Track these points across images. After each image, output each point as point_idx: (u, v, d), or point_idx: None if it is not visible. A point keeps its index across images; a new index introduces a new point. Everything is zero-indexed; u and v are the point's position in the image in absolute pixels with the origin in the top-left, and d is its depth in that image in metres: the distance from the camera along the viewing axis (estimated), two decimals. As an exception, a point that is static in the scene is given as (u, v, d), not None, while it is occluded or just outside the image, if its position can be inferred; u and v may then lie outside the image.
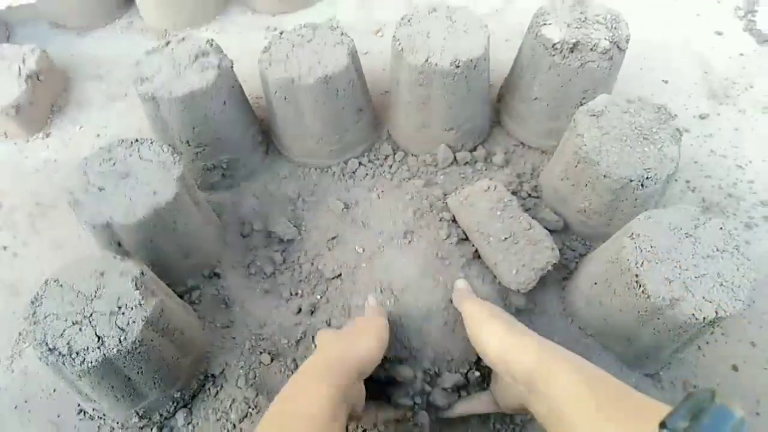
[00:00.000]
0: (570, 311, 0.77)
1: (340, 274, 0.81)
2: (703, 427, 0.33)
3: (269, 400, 0.70)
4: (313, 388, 0.51)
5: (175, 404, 0.69)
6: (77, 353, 0.55)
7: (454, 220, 0.81)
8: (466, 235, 0.80)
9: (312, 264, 0.83)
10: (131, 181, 0.71)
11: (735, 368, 0.73)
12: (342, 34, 0.86)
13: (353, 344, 0.58)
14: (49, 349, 0.56)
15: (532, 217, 0.78)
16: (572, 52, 0.79)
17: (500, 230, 0.75)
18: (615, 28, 0.80)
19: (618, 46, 0.80)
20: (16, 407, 0.73)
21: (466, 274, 0.75)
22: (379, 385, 0.66)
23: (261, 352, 0.75)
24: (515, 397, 0.55)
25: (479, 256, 0.78)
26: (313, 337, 0.76)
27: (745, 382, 0.72)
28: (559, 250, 0.75)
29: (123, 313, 0.58)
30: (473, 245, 0.78)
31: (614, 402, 0.44)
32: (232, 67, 0.85)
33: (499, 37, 1.12)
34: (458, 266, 0.77)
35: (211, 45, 0.85)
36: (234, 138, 0.88)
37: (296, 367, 0.74)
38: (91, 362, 0.55)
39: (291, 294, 0.81)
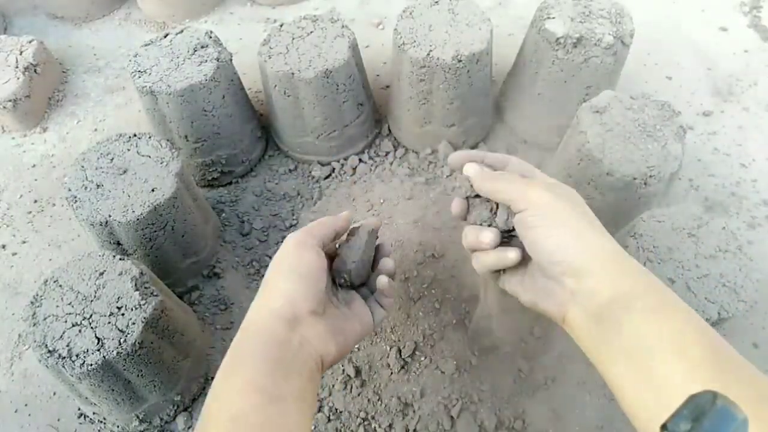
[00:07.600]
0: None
1: None
2: (705, 430, 0.32)
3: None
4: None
5: (175, 408, 0.68)
6: (77, 355, 0.55)
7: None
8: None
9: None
10: (129, 177, 0.70)
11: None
12: (343, 26, 0.84)
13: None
14: (49, 351, 0.55)
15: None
16: (576, 47, 0.78)
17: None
18: (619, 22, 0.79)
19: (622, 41, 0.79)
20: (16, 411, 0.73)
21: None
22: None
23: (260, 354, 0.75)
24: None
25: None
26: None
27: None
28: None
29: (123, 314, 0.57)
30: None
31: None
32: (231, 59, 0.84)
33: (501, 31, 1.11)
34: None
35: (210, 37, 0.84)
36: (233, 133, 0.87)
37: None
38: (91, 365, 0.55)
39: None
